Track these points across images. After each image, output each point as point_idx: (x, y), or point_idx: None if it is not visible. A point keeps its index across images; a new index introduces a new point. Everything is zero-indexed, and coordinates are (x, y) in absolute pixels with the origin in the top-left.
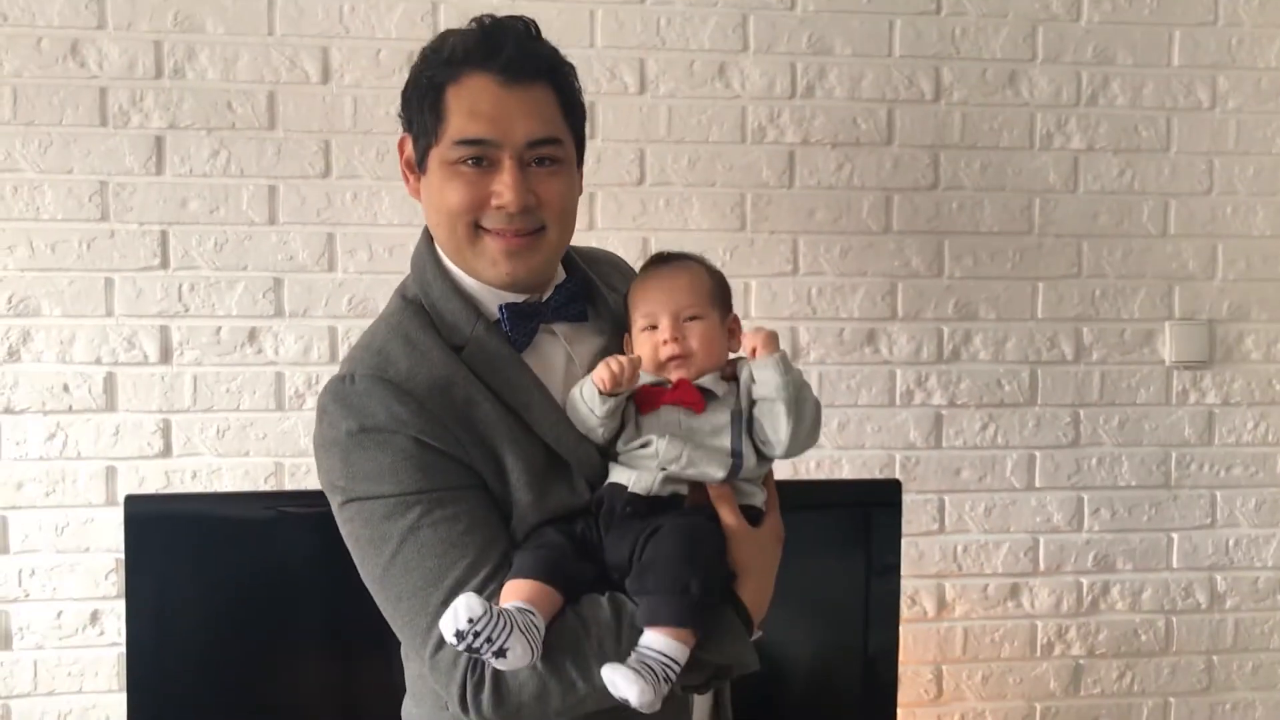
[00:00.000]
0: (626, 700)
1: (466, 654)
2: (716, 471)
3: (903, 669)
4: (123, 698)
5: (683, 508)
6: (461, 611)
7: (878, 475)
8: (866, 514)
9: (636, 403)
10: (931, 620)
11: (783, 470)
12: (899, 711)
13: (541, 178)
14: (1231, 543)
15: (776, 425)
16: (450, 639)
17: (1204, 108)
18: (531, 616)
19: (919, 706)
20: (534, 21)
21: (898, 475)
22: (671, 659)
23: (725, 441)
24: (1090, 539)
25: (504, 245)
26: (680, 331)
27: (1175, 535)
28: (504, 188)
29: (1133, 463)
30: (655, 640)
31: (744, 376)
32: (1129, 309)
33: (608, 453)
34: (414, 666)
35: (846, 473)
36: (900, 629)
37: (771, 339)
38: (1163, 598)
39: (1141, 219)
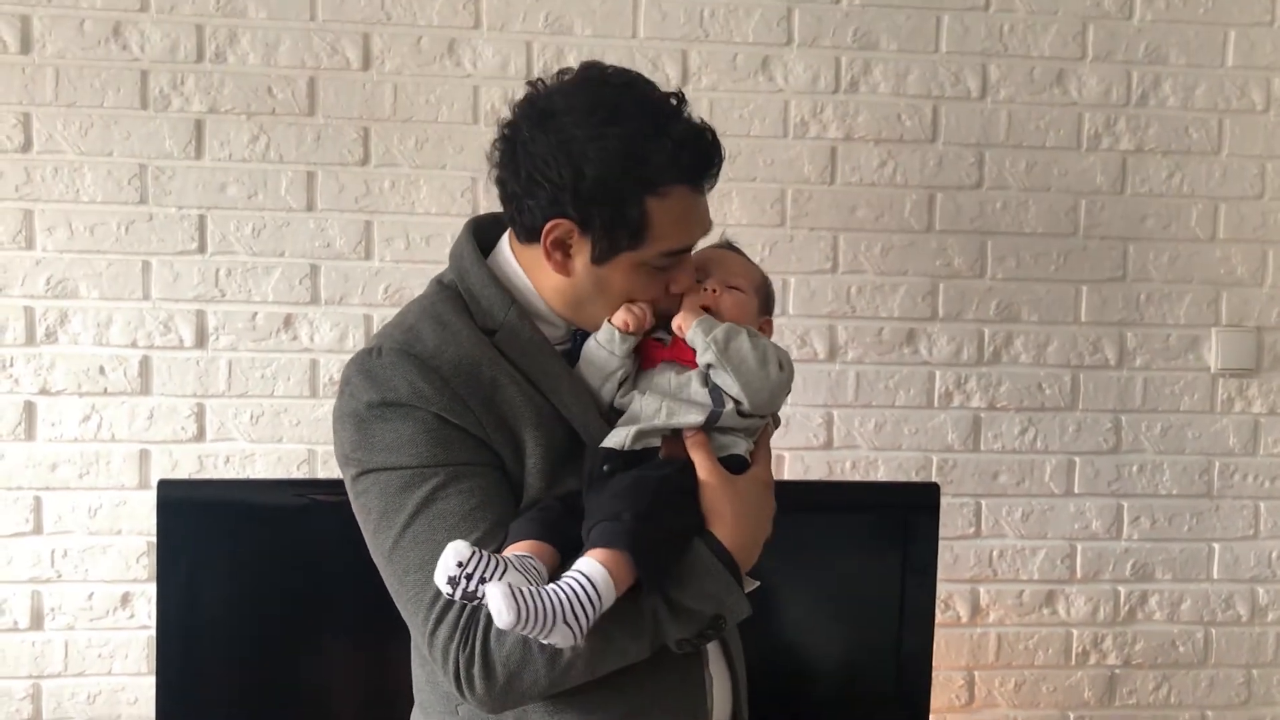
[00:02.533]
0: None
1: (461, 628)
2: (694, 417)
3: (934, 674)
4: (152, 680)
5: (657, 459)
6: (450, 556)
7: (914, 477)
8: (904, 517)
9: (642, 358)
10: (965, 625)
11: (819, 471)
12: (930, 717)
13: None
14: (1274, 555)
15: (725, 382)
16: (444, 589)
17: (1257, 110)
18: (530, 560)
19: (950, 712)
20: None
21: (934, 478)
22: (588, 579)
23: (706, 393)
24: (1129, 547)
25: None
26: (719, 289)
27: (1216, 546)
28: (687, 278)
29: (1174, 471)
30: (582, 564)
31: None
32: (1174, 314)
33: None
34: (422, 673)
35: (882, 474)
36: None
37: (689, 313)
38: (1202, 609)
39: (1190, 222)
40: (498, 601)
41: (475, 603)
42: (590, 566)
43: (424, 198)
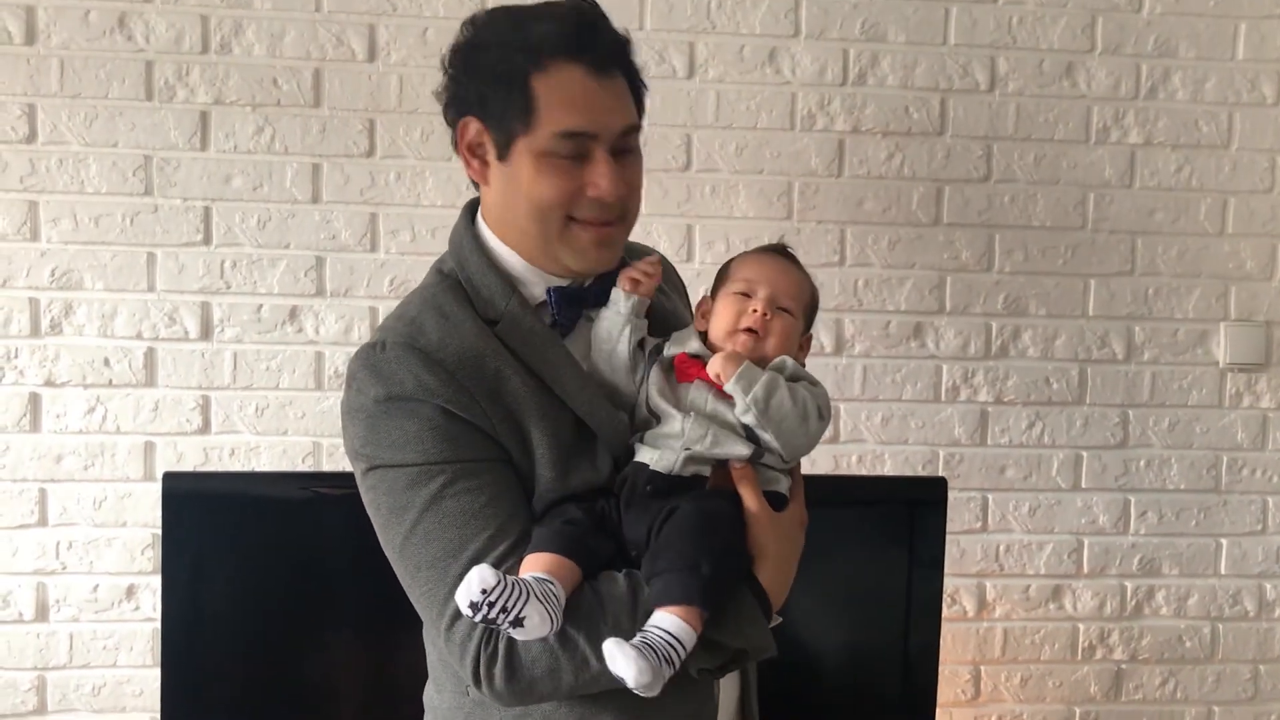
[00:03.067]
0: (623, 679)
1: (482, 626)
2: (742, 450)
3: (941, 668)
4: (157, 673)
5: (704, 488)
6: (475, 582)
7: (920, 471)
8: (910, 511)
9: (675, 369)
10: (971, 620)
11: (826, 465)
12: (936, 712)
13: (625, 165)
14: None
15: (765, 438)
16: (465, 610)
17: (1268, 103)
18: (550, 586)
19: (956, 707)
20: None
21: (941, 472)
22: (676, 639)
23: (743, 427)
24: (1136, 542)
25: (596, 235)
26: (769, 312)
27: (1224, 541)
28: (602, 179)
29: (1182, 466)
30: (662, 620)
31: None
32: (1183, 308)
33: (635, 418)
34: (435, 651)
35: (889, 468)
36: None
37: (729, 362)
38: (1209, 604)
39: (1199, 216)
40: (634, 670)
41: (495, 627)
42: (679, 629)
43: (430, 189)
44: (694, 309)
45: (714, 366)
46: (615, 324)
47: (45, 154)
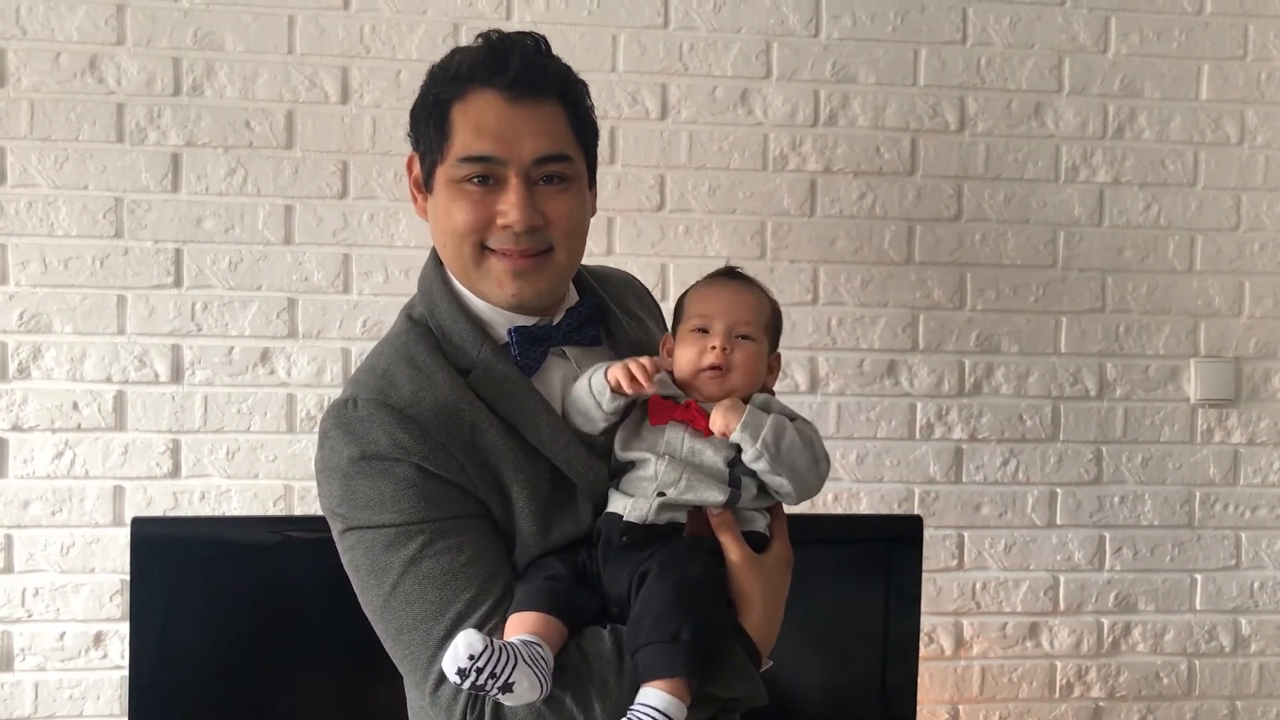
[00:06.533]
0: None
1: (470, 690)
2: (716, 496)
3: (919, 707)
4: None
5: (681, 536)
6: (462, 649)
7: (896, 509)
8: (886, 549)
9: (648, 411)
10: (949, 658)
11: (801, 504)
12: None
13: (550, 196)
14: (1256, 585)
15: (776, 483)
16: (453, 677)
17: (1232, 142)
18: (538, 649)
19: None
20: (544, 38)
21: (916, 510)
22: (666, 716)
23: (726, 468)
24: (1112, 578)
25: (510, 266)
26: (729, 345)
27: (1199, 576)
28: (509, 206)
29: (1156, 501)
30: (650, 697)
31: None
32: (1154, 345)
33: (610, 464)
34: (416, 700)
35: (865, 506)
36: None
37: (731, 414)
38: (1185, 640)
39: (1167, 254)
40: None
41: (483, 694)
42: (668, 704)
43: (403, 230)
44: (660, 348)
45: (716, 423)
46: (594, 415)
47: (14, 196)
